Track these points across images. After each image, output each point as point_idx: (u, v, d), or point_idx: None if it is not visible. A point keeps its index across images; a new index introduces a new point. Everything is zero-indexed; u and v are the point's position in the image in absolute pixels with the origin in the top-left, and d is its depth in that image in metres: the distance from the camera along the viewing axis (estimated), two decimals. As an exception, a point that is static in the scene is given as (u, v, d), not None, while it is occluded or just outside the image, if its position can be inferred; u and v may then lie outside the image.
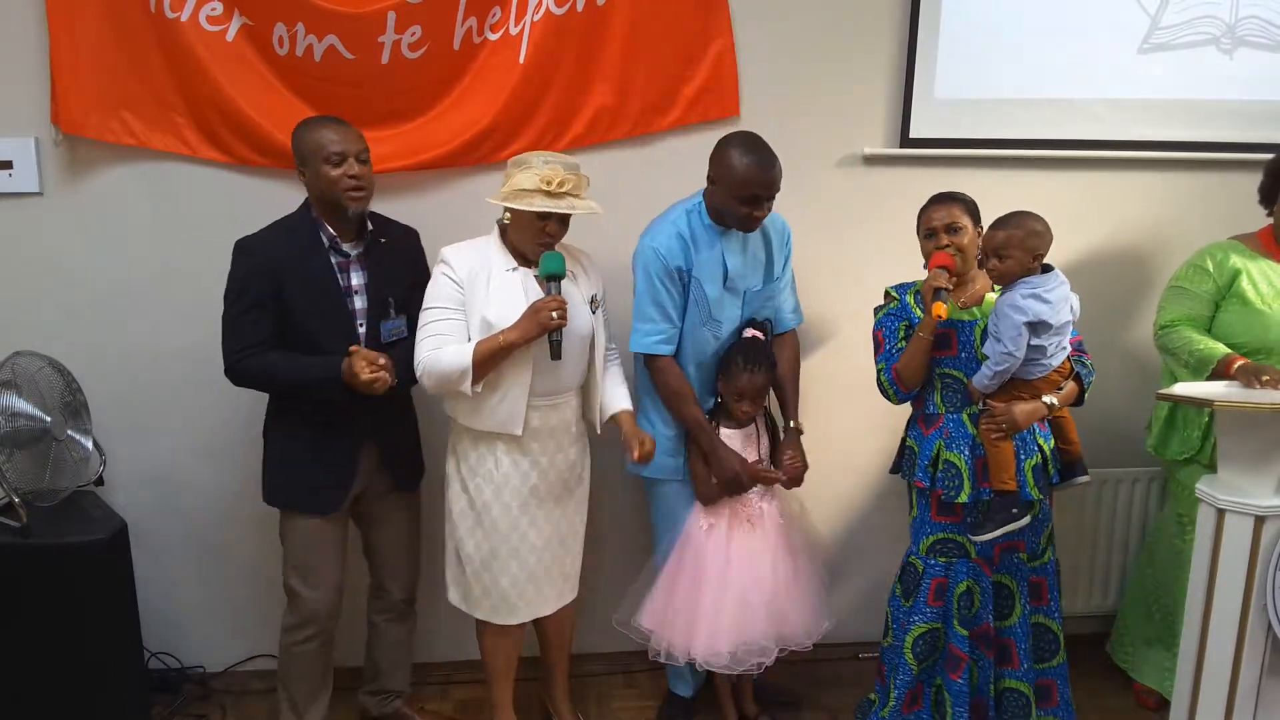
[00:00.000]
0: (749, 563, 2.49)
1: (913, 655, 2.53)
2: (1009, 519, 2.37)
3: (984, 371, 2.34)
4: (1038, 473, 2.44)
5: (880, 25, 2.89)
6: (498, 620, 2.46)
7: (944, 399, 2.48)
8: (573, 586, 2.58)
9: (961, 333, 2.43)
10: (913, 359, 2.41)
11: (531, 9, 2.71)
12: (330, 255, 2.38)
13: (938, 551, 2.51)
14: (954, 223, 2.39)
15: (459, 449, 2.45)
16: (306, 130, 2.37)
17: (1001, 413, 2.35)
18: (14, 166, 2.66)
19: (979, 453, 2.42)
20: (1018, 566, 2.52)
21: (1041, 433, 2.48)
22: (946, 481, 2.44)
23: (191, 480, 2.88)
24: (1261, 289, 2.58)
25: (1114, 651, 3.05)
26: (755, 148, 2.39)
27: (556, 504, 2.46)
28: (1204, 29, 2.98)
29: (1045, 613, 2.57)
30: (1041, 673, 2.57)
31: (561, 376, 2.40)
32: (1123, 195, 3.07)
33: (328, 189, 2.32)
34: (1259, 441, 2.20)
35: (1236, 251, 2.64)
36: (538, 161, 2.29)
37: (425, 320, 2.34)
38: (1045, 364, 2.35)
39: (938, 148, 2.95)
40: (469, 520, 2.43)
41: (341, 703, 2.77)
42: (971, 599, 2.50)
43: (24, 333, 2.67)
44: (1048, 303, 2.28)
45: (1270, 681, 2.27)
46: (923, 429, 2.52)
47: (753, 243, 2.55)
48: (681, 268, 2.46)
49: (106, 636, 2.48)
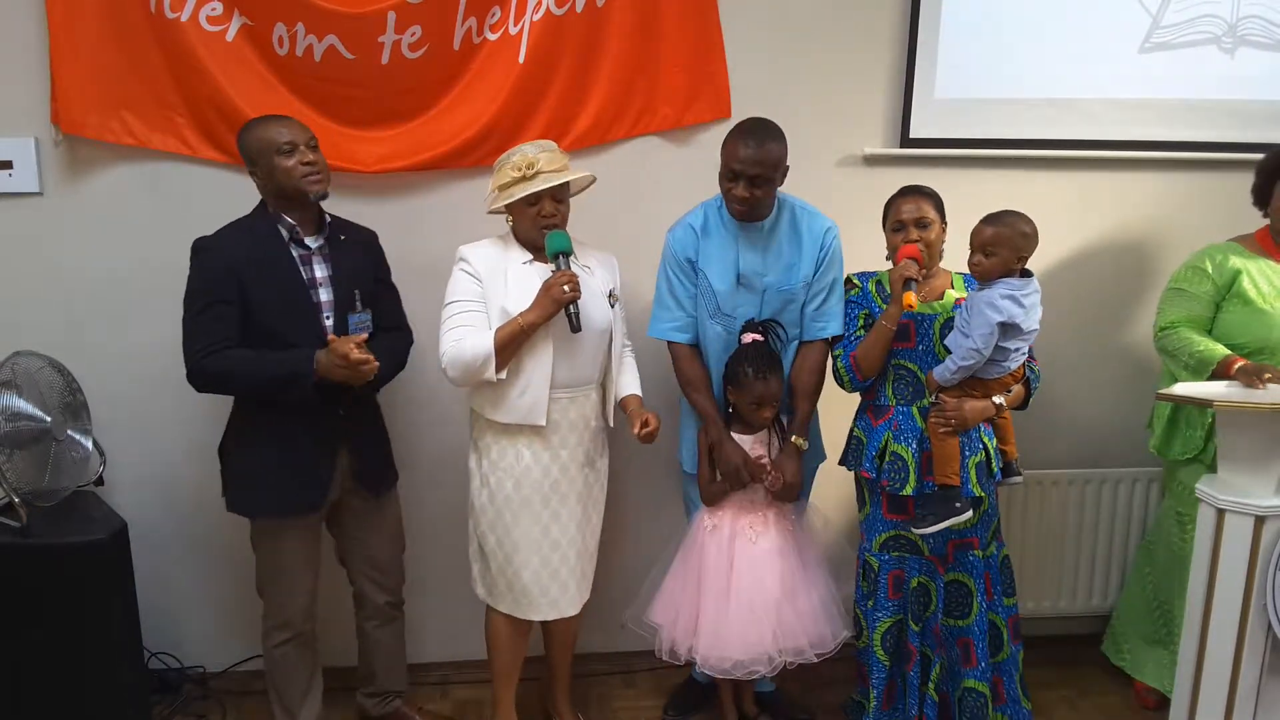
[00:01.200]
0: (750, 569, 2.47)
1: (883, 650, 2.55)
2: (951, 513, 2.37)
3: (948, 364, 2.36)
4: (980, 470, 2.46)
5: (880, 25, 2.89)
6: (519, 614, 2.48)
7: (895, 391, 2.49)
8: (588, 585, 2.59)
9: (921, 325, 2.44)
10: (873, 347, 2.42)
11: (531, 9, 2.72)
12: (292, 248, 2.35)
13: (890, 547, 2.54)
14: (923, 217, 2.42)
15: (480, 444, 2.47)
16: (251, 130, 2.34)
17: (952, 408, 2.37)
18: (14, 166, 2.67)
19: (926, 446, 2.43)
20: (973, 564, 2.51)
21: (985, 431, 2.49)
22: (893, 473, 2.46)
23: (191, 480, 2.88)
24: (1262, 288, 2.58)
25: (1109, 650, 3.05)
26: (748, 128, 2.39)
27: (578, 500, 2.48)
28: (1205, 28, 2.98)
29: (990, 607, 2.56)
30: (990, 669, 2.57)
31: (581, 369, 2.42)
32: (1123, 195, 3.07)
33: (285, 180, 2.30)
34: (1259, 441, 2.21)
35: (1235, 253, 2.64)
36: (510, 155, 2.36)
37: (446, 315, 2.37)
38: (1005, 366, 2.38)
39: (938, 148, 2.95)
40: (490, 514, 2.44)
41: (341, 703, 2.77)
42: (927, 596, 2.52)
43: (24, 333, 2.68)
44: (1023, 307, 2.30)
45: (1270, 681, 2.28)
46: (871, 419, 2.53)
47: (778, 240, 2.51)
48: (690, 258, 2.49)
49: (106, 636, 2.48)
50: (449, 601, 3.00)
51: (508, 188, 2.34)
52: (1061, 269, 3.08)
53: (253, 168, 2.34)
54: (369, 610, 2.67)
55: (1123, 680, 2.99)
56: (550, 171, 2.33)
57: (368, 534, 2.58)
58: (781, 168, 2.41)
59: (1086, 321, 3.13)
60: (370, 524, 2.57)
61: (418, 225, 2.66)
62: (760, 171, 2.35)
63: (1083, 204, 3.04)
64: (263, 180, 2.34)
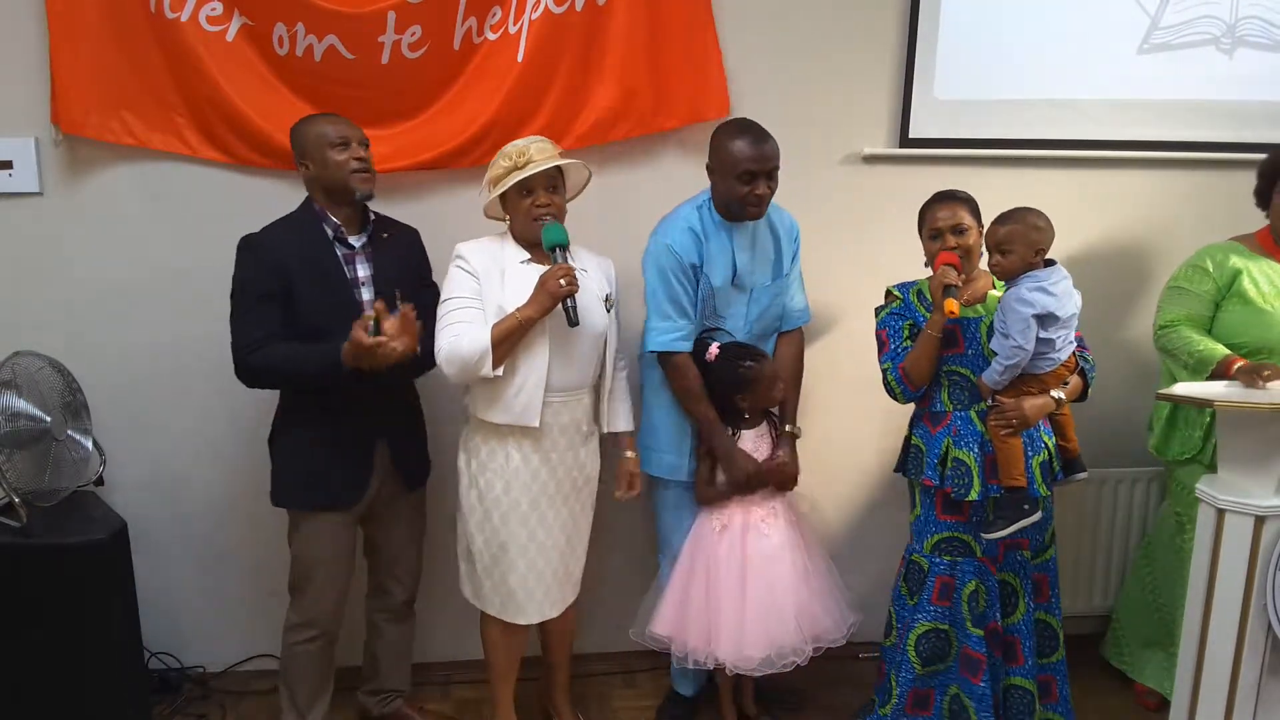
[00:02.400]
0: (766, 564, 2.47)
1: (916, 654, 2.53)
2: (1020, 515, 2.37)
3: (994, 367, 2.35)
4: (1044, 469, 2.45)
5: (880, 25, 2.89)
6: (506, 618, 2.47)
7: (951, 396, 2.48)
8: (575, 587, 2.58)
9: (967, 330, 2.43)
10: (921, 357, 2.41)
11: (530, 8, 2.72)
12: (336, 247, 2.38)
13: (943, 550, 2.51)
14: (959, 223, 2.40)
15: (470, 444, 2.46)
16: (306, 124, 2.39)
17: (1011, 408, 2.35)
18: (14, 166, 2.66)
19: (988, 450, 2.42)
20: (1021, 564, 2.52)
21: (1045, 429, 2.48)
22: (956, 479, 2.44)
23: (191, 480, 2.89)
24: (1263, 288, 2.59)
25: (1109, 652, 3.05)
26: (746, 128, 2.42)
27: (565, 504, 2.47)
28: (1204, 29, 2.98)
29: (1046, 609, 2.57)
30: (1042, 669, 2.57)
31: (574, 371, 2.42)
32: (1123, 195, 3.08)
33: (335, 173, 2.34)
34: (1259, 441, 2.20)
35: (1236, 252, 2.64)
36: (502, 151, 2.37)
37: (443, 312, 2.37)
38: (1053, 358, 2.36)
39: (938, 148, 2.95)
40: (478, 515, 2.44)
41: (341, 703, 2.77)
42: (979, 599, 2.50)
43: (24, 333, 2.67)
44: (1053, 295, 2.29)
45: (1270, 681, 2.27)
46: (929, 427, 2.51)
47: (761, 239, 2.55)
48: (695, 264, 2.48)
49: (107, 636, 2.48)
50: (451, 601, 2.98)
51: (500, 179, 2.35)
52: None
53: (303, 160, 2.37)
54: (384, 605, 2.68)
55: (1122, 680, 3.00)
56: (542, 159, 2.34)
57: (396, 529, 2.59)
58: None
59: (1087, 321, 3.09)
60: (402, 518, 2.59)
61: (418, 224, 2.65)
62: (774, 165, 2.41)
63: (1082, 204, 3.04)
64: (314, 174, 2.37)
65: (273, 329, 2.31)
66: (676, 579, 2.54)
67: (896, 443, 2.67)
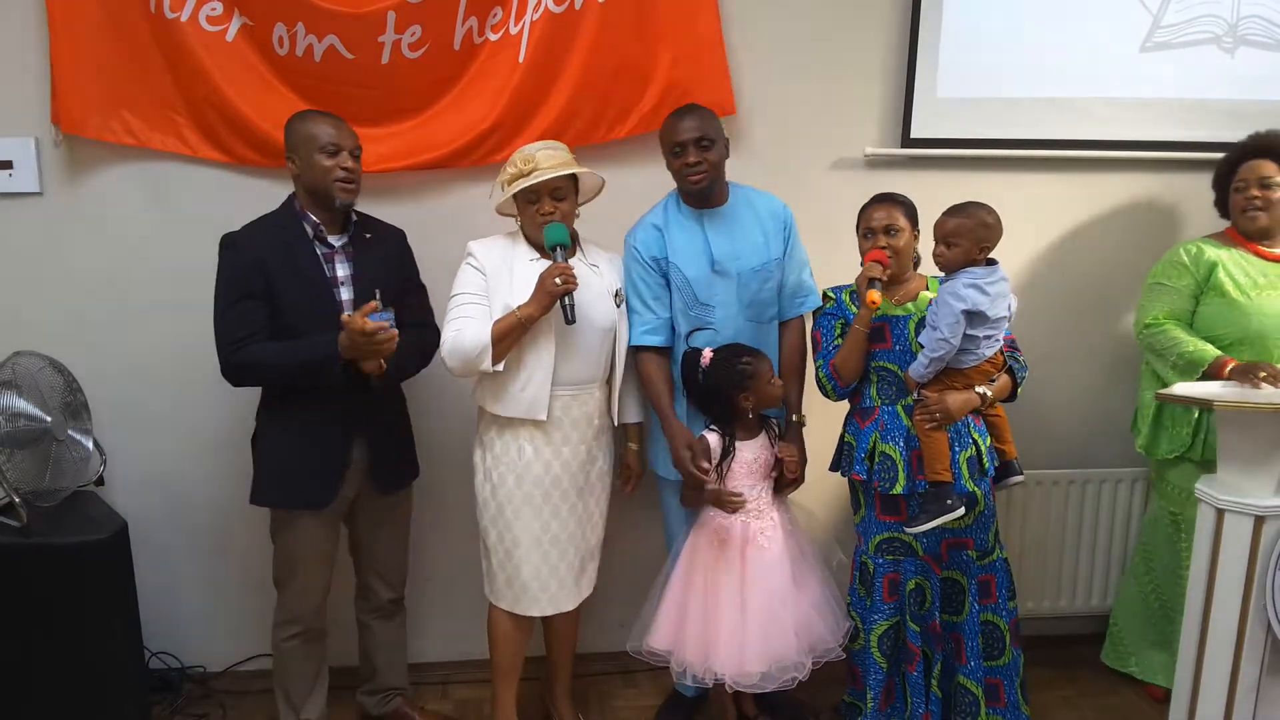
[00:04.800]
0: (765, 577, 2.45)
1: (880, 653, 2.54)
2: (944, 510, 2.37)
3: (920, 359, 2.37)
4: (972, 465, 2.46)
5: (881, 25, 2.89)
6: (519, 610, 2.48)
7: (879, 391, 2.51)
8: (590, 581, 2.60)
9: (895, 326, 2.46)
10: (849, 353, 2.44)
11: (531, 8, 2.72)
12: (315, 246, 2.37)
13: (885, 550, 2.53)
14: (892, 224, 2.43)
15: (485, 439, 2.49)
16: (301, 120, 2.37)
17: (935, 402, 2.37)
18: (14, 166, 2.67)
19: (914, 445, 2.44)
20: (967, 564, 2.53)
21: (976, 427, 2.50)
22: (883, 473, 2.46)
23: (191, 480, 2.89)
24: (1239, 279, 2.60)
25: (1111, 658, 3.03)
26: (677, 109, 2.50)
27: (579, 497, 2.49)
28: (1206, 28, 2.98)
29: (994, 610, 2.56)
30: (990, 671, 2.57)
31: (583, 366, 2.44)
32: (1123, 195, 3.07)
33: (319, 178, 2.33)
34: (1259, 441, 2.20)
35: (1209, 244, 2.67)
36: (513, 158, 2.38)
37: (450, 307, 2.41)
38: (977, 354, 2.38)
39: (938, 148, 2.95)
40: (491, 510, 2.47)
41: (341, 703, 2.77)
42: (923, 595, 2.53)
43: (24, 333, 2.68)
44: (987, 295, 2.31)
45: (1270, 681, 2.27)
46: (859, 422, 2.54)
47: (742, 223, 2.55)
48: (656, 256, 2.50)
49: (107, 636, 2.48)
50: (451, 600, 3.00)
51: (509, 183, 2.38)
52: (1060, 268, 3.08)
53: (292, 155, 2.36)
54: (371, 604, 2.68)
55: (1120, 680, 2.99)
56: (548, 167, 2.35)
57: (379, 529, 2.59)
58: (722, 137, 2.48)
59: (1086, 321, 3.13)
60: (382, 519, 2.58)
61: (417, 224, 2.65)
62: (701, 134, 2.43)
63: (1082, 204, 3.04)
64: (298, 171, 2.36)
65: (257, 327, 2.30)
66: (673, 592, 2.51)
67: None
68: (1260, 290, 2.59)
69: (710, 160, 2.44)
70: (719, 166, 2.48)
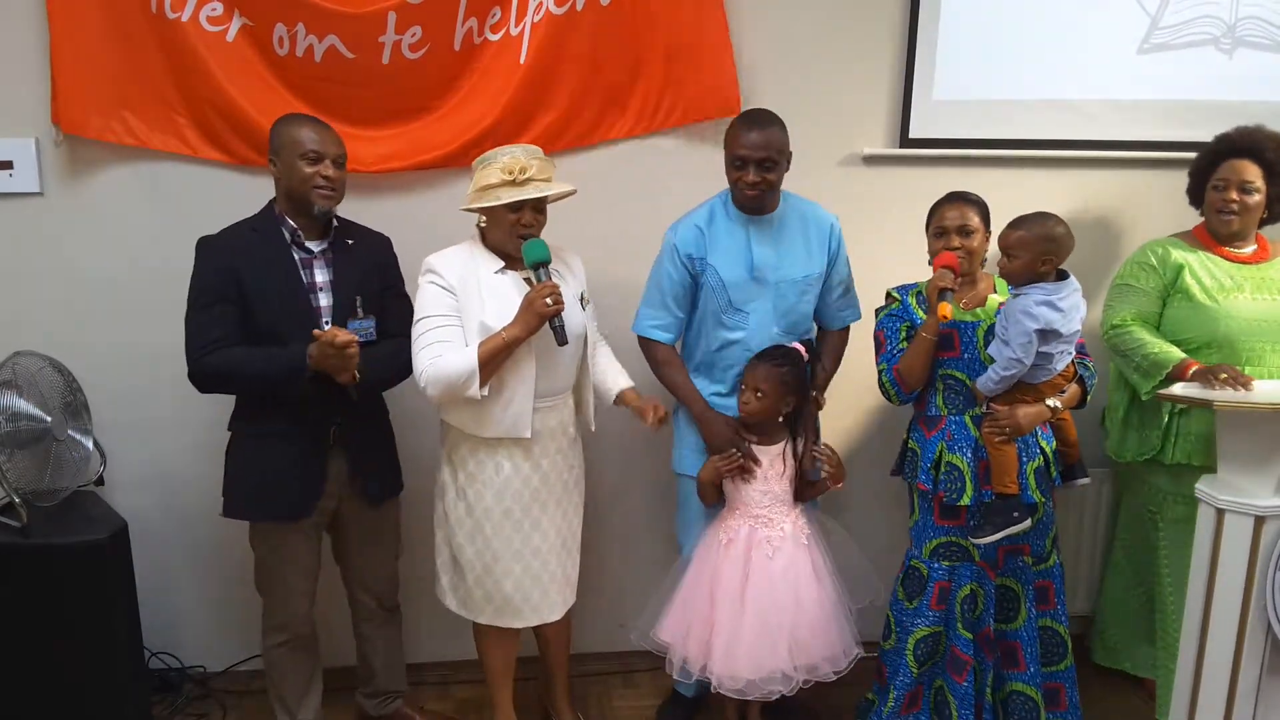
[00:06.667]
0: (768, 585, 2.42)
1: (914, 658, 2.52)
2: (1009, 522, 2.36)
3: (990, 374, 2.33)
4: (1040, 475, 2.44)
5: (880, 26, 2.89)
6: (501, 623, 2.44)
7: (946, 401, 2.47)
8: (573, 591, 2.56)
9: (964, 334, 2.43)
10: (915, 359, 2.41)
11: (532, 9, 2.72)
12: (292, 251, 2.35)
13: (941, 555, 2.50)
14: (966, 224, 2.39)
15: (455, 457, 2.41)
16: (287, 124, 2.35)
17: (1005, 416, 2.34)
18: (14, 166, 2.66)
19: (982, 455, 2.41)
20: (1022, 570, 2.51)
21: (1044, 435, 2.47)
22: (949, 484, 2.43)
23: (191, 480, 2.88)
24: (1205, 282, 2.59)
25: (1100, 656, 3.03)
26: (750, 115, 2.43)
27: (558, 506, 2.45)
28: (1204, 29, 2.98)
29: (1052, 616, 2.56)
30: (1049, 676, 2.57)
31: (559, 377, 2.40)
32: (1122, 195, 3.08)
33: (298, 185, 2.30)
34: (1259, 441, 2.20)
35: (1176, 247, 2.65)
36: (498, 155, 2.29)
37: (421, 330, 2.28)
38: (1050, 369, 2.34)
39: (937, 148, 2.96)
40: (467, 527, 2.40)
41: (341, 703, 2.77)
42: (975, 602, 2.50)
43: (24, 333, 2.67)
44: (1060, 311, 2.26)
45: (1270, 681, 2.27)
46: (925, 431, 2.51)
47: (788, 233, 2.52)
48: (693, 255, 2.47)
49: (107, 636, 2.48)
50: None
51: (492, 189, 2.25)
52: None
53: (274, 158, 2.34)
54: (363, 614, 2.67)
55: (1116, 679, 3.00)
56: (540, 180, 2.27)
57: (362, 542, 2.55)
58: (786, 153, 2.42)
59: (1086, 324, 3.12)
60: (366, 531, 2.54)
61: (416, 226, 2.65)
62: (766, 155, 2.37)
63: (1082, 204, 3.05)
64: (279, 175, 2.34)
65: (227, 331, 2.26)
66: (685, 587, 2.50)
67: (890, 444, 2.67)
68: (1227, 293, 2.57)
69: (770, 181, 2.40)
70: (777, 186, 2.45)
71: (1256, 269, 2.61)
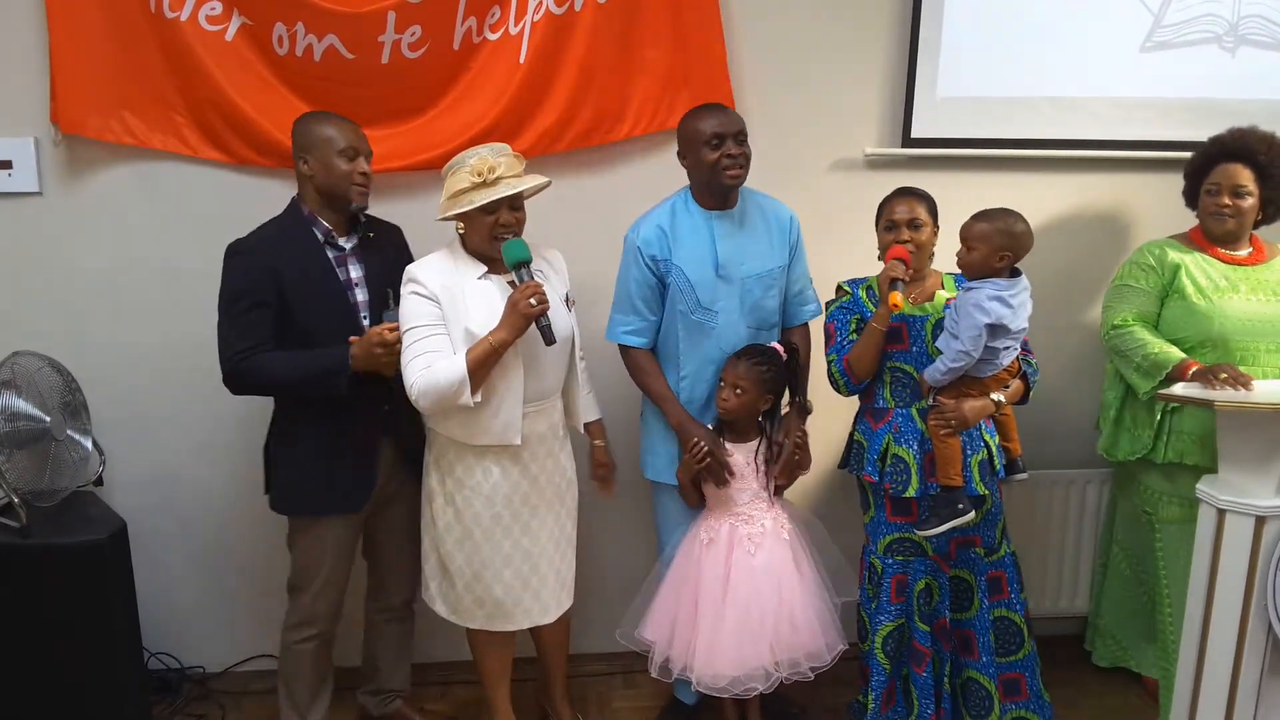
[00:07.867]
0: (748, 582, 2.43)
1: (884, 654, 2.54)
2: (955, 514, 2.38)
3: (938, 366, 2.37)
4: (983, 468, 2.47)
5: (882, 25, 2.89)
6: (494, 628, 2.43)
7: (893, 393, 2.50)
8: (569, 593, 2.54)
9: (912, 327, 2.45)
10: (865, 350, 2.43)
11: (532, 9, 2.72)
12: (326, 250, 2.37)
13: (895, 550, 2.53)
14: (915, 218, 2.42)
15: (443, 463, 2.39)
16: (315, 122, 2.36)
17: (951, 409, 2.37)
18: (14, 166, 2.67)
19: (927, 448, 2.44)
20: (975, 561, 2.53)
21: (987, 429, 2.50)
22: (895, 476, 2.46)
23: (191, 480, 2.89)
24: (1200, 283, 2.59)
25: (1100, 656, 3.02)
26: (705, 106, 2.47)
27: (549, 510, 2.44)
28: (1206, 27, 2.97)
29: (1006, 605, 2.56)
30: (1009, 666, 2.57)
31: (547, 379, 2.39)
32: (1123, 195, 3.07)
33: (338, 181, 2.32)
34: (1259, 441, 2.20)
35: (1173, 248, 2.66)
36: (465, 159, 2.28)
37: (409, 341, 2.26)
38: (996, 364, 2.39)
39: (939, 148, 2.95)
40: (456, 533, 2.38)
41: (341, 703, 2.77)
42: (930, 594, 2.52)
43: (24, 333, 2.68)
44: (1010, 307, 2.31)
45: (1270, 681, 2.27)
46: (871, 423, 2.54)
47: (749, 227, 2.52)
48: (656, 256, 2.46)
49: (106, 636, 2.48)
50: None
51: (464, 194, 2.23)
52: (1060, 269, 3.06)
53: (304, 156, 2.34)
54: (384, 604, 2.67)
55: (1116, 678, 3.00)
56: (511, 177, 2.24)
57: (399, 524, 2.56)
58: None
59: (1085, 322, 3.12)
60: (403, 513, 2.54)
61: (415, 226, 2.65)
62: (740, 129, 2.40)
63: (1083, 204, 3.04)
64: (312, 173, 2.34)
65: (265, 335, 2.28)
66: (668, 586, 2.52)
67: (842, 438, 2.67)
68: (1222, 293, 2.57)
69: (748, 155, 2.42)
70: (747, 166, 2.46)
71: (1252, 270, 2.61)
